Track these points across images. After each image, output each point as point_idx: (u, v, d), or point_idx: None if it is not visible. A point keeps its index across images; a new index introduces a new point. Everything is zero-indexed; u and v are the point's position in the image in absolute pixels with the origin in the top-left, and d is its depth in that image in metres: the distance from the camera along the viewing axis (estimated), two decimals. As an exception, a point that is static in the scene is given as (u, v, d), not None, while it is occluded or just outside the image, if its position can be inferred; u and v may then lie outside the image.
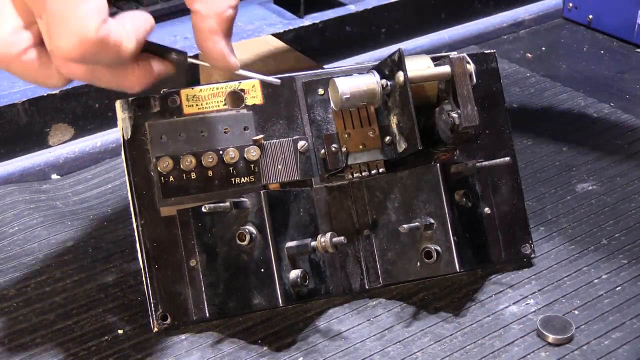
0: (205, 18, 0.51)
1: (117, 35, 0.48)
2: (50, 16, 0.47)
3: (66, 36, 0.46)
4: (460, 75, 0.60)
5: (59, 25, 0.47)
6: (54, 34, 0.47)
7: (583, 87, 0.99)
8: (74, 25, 0.46)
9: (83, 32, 0.46)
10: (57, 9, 0.46)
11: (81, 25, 0.46)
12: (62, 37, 0.47)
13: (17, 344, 0.63)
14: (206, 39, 0.52)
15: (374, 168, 0.65)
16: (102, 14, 0.47)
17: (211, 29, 0.51)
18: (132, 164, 0.62)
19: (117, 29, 0.48)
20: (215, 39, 0.52)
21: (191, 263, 0.62)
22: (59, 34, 0.47)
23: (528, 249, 0.69)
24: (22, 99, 0.85)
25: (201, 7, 0.50)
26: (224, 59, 0.53)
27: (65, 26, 0.46)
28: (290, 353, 0.61)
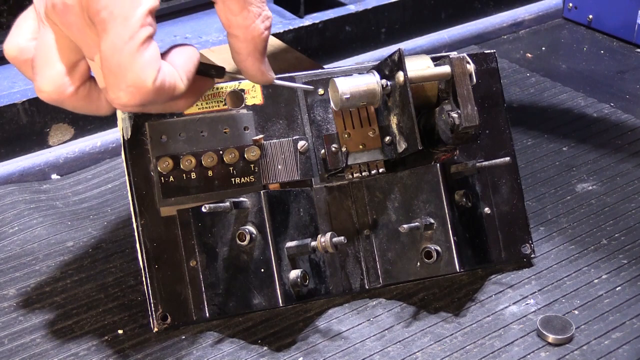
0: (243, 42, 0.53)
1: (171, 78, 0.50)
2: (106, 68, 0.48)
3: (125, 89, 0.48)
4: (460, 75, 0.60)
5: (117, 78, 0.48)
6: (112, 86, 0.48)
7: (583, 87, 0.99)
8: (132, 79, 0.48)
9: (141, 85, 0.48)
10: (114, 63, 0.47)
11: (139, 79, 0.48)
12: (121, 90, 0.48)
13: (17, 344, 0.63)
14: (244, 60, 0.54)
15: (374, 168, 0.65)
16: (157, 63, 0.48)
17: (249, 52, 0.53)
18: (132, 164, 0.62)
19: (170, 72, 0.50)
20: (253, 59, 0.54)
21: (191, 263, 0.62)
22: (117, 86, 0.48)
23: (528, 249, 0.69)
24: (22, 99, 0.85)
25: (240, 32, 0.52)
26: (262, 76, 0.55)
27: (123, 80, 0.48)
28: (290, 353, 0.61)
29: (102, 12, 0.47)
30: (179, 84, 0.50)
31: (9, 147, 0.85)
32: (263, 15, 0.52)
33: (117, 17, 0.47)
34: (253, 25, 0.52)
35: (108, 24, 0.47)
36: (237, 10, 0.51)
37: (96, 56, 0.49)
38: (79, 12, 0.48)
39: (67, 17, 0.48)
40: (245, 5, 0.51)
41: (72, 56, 0.50)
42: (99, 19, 0.47)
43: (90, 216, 0.78)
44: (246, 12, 0.51)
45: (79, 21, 0.48)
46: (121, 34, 0.47)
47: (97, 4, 0.47)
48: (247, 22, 0.52)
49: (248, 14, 0.51)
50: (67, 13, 0.48)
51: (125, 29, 0.47)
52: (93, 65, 0.50)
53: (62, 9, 0.48)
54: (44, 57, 0.50)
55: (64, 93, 0.51)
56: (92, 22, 0.47)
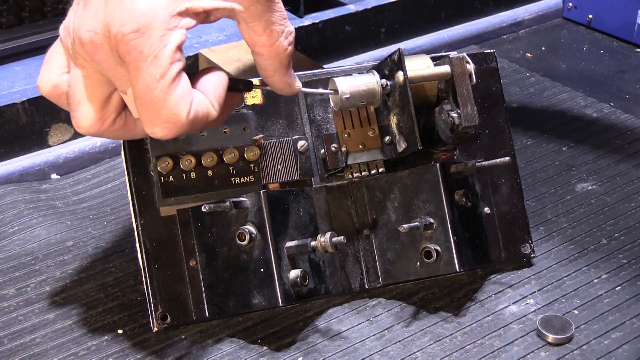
0: (269, 60, 0.54)
1: (204, 108, 0.51)
2: (140, 106, 0.49)
3: (160, 125, 0.49)
4: (460, 75, 0.60)
5: (151, 115, 0.49)
6: (147, 122, 0.49)
7: (583, 87, 0.99)
8: (166, 115, 0.49)
9: (176, 121, 0.49)
10: (147, 101, 0.48)
11: (173, 115, 0.49)
12: (156, 126, 0.49)
13: (17, 344, 0.63)
14: (272, 76, 0.55)
15: (374, 168, 0.65)
16: (189, 97, 0.49)
17: (275, 69, 0.54)
18: (132, 164, 0.62)
19: (202, 101, 0.51)
20: (280, 75, 0.55)
21: (191, 263, 0.62)
22: (152, 122, 0.49)
23: (528, 249, 0.69)
24: (22, 99, 0.85)
25: (265, 51, 0.53)
26: (289, 89, 0.56)
27: (157, 117, 0.49)
28: (290, 353, 0.61)
29: (132, 52, 0.47)
30: (211, 112, 0.51)
31: (9, 147, 0.85)
32: (286, 32, 0.53)
33: (148, 56, 0.47)
34: (277, 43, 0.53)
35: (139, 63, 0.47)
36: (261, 31, 0.52)
37: (129, 90, 0.50)
38: (109, 50, 0.48)
39: (96, 55, 0.49)
40: (268, 26, 0.52)
41: (105, 90, 0.51)
42: (129, 59, 0.47)
43: (90, 216, 0.78)
44: (269, 31, 0.52)
45: (109, 59, 0.48)
46: (153, 74, 0.47)
47: (126, 45, 0.47)
48: (271, 42, 0.52)
49: (272, 34, 0.52)
50: (96, 51, 0.48)
51: (157, 68, 0.47)
52: (126, 97, 0.51)
53: (91, 48, 0.48)
54: (77, 94, 0.51)
55: (102, 128, 0.52)
56: (122, 60, 0.48)
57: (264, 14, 0.51)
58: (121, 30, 0.47)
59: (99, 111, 0.51)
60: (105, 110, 0.51)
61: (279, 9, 0.52)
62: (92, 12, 0.48)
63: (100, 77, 0.50)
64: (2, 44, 0.94)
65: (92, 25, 0.48)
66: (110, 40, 0.47)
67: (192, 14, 0.49)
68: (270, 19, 0.51)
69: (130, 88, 0.49)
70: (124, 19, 0.47)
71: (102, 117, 0.51)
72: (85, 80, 0.50)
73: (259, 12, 0.51)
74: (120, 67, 0.48)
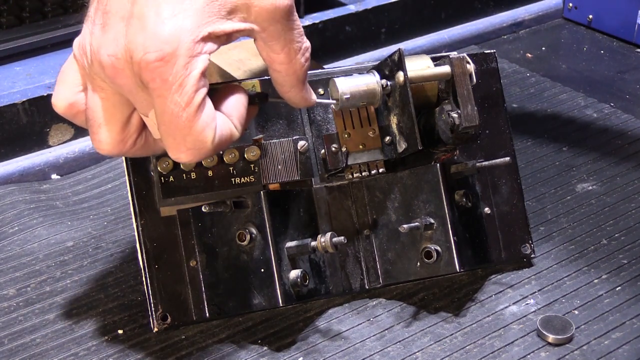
0: (285, 76, 0.54)
1: (227, 130, 0.51)
2: (164, 132, 0.48)
3: (185, 151, 0.49)
4: (460, 75, 0.60)
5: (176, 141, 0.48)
6: (172, 148, 0.49)
7: (583, 87, 0.99)
8: (192, 142, 0.48)
9: (201, 147, 0.49)
10: (172, 128, 0.48)
11: (199, 142, 0.49)
12: (182, 152, 0.49)
13: (17, 344, 0.63)
14: (288, 92, 0.55)
15: (374, 168, 0.65)
16: (214, 122, 0.49)
17: (292, 85, 0.54)
18: (132, 164, 0.62)
19: (225, 124, 0.51)
20: (296, 90, 0.55)
21: (191, 263, 0.62)
22: (177, 149, 0.49)
23: (528, 249, 0.69)
24: (22, 99, 0.85)
25: (282, 68, 0.53)
26: (305, 103, 0.56)
27: (182, 143, 0.48)
28: (290, 353, 0.61)
29: (156, 80, 0.46)
30: (234, 133, 0.51)
31: (9, 147, 0.85)
32: (303, 48, 0.53)
33: (172, 84, 0.47)
34: (294, 60, 0.53)
35: (163, 91, 0.47)
36: (279, 50, 0.52)
37: (150, 113, 0.49)
38: (130, 75, 0.47)
39: (117, 79, 0.48)
40: (286, 44, 0.52)
41: (125, 112, 0.51)
42: (153, 86, 0.47)
43: (90, 216, 0.78)
44: (287, 49, 0.52)
45: (130, 83, 0.48)
46: (178, 101, 0.47)
47: (150, 73, 0.46)
48: (289, 59, 0.52)
49: (289, 52, 0.52)
50: (117, 76, 0.48)
51: (181, 96, 0.47)
52: (147, 120, 0.50)
53: (112, 72, 0.48)
54: (97, 117, 0.50)
55: (124, 149, 0.52)
56: (144, 86, 0.47)
57: (282, 33, 0.51)
58: (145, 58, 0.46)
59: (119, 133, 0.51)
60: (126, 131, 0.51)
61: (297, 26, 0.52)
62: (112, 35, 0.48)
63: (119, 99, 0.50)
64: (2, 44, 0.94)
65: (112, 49, 0.47)
66: (133, 66, 0.47)
67: (214, 38, 0.48)
68: (289, 37, 0.51)
69: (152, 111, 0.49)
70: (147, 45, 0.46)
71: (123, 139, 0.51)
72: (104, 102, 0.50)
73: (277, 31, 0.51)
74: (142, 91, 0.48)
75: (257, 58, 0.86)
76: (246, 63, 0.87)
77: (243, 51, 0.89)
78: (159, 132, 0.49)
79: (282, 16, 0.50)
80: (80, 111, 0.52)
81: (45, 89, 0.86)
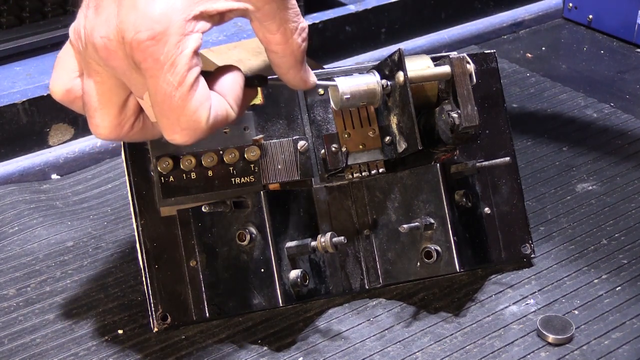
0: (282, 57, 0.53)
1: (223, 111, 0.50)
2: (158, 113, 0.48)
3: (180, 132, 0.48)
4: (460, 75, 0.60)
5: (170, 122, 0.48)
6: (166, 129, 0.49)
7: (583, 87, 0.99)
8: (186, 122, 0.48)
9: (196, 127, 0.48)
10: (165, 108, 0.48)
11: (193, 121, 0.48)
12: (176, 133, 0.48)
13: (17, 344, 0.63)
14: (286, 73, 0.54)
15: (374, 168, 0.65)
16: (208, 102, 0.49)
17: (289, 66, 0.54)
18: (132, 164, 0.62)
19: (220, 104, 0.50)
20: (294, 71, 0.54)
21: (191, 263, 0.62)
22: (171, 129, 0.48)
23: (528, 249, 0.69)
24: (22, 99, 0.85)
25: (279, 48, 0.52)
26: (304, 84, 0.56)
27: (177, 124, 0.48)
28: (290, 353, 0.61)
29: (148, 59, 0.46)
30: (230, 113, 0.51)
31: (9, 147, 0.85)
32: (299, 28, 0.52)
33: (164, 63, 0.46)
34: (291, 40, 0.52)
35: (155, 71, 0.46)
36: (274, 29, 0.51)
37: (145, 95, 0.49)
38: (123, 56, 0.47)
39: (110, 61, 0.48)
40: (282, 23, 0.51)
41: (121, 95, 0.50)
42: (145, 66, 0.47)
43: (90, 216, 0.78)
44: (283, 29, 0.51)
45: (124, 64, 0.48)
46: (170, 81, 0.47)
47: (142, 52, 0.46)
48: (285, 39, 0.52)
49: (285, 31, 0.51)
50: (110, 57, 0.48)
51: (174, 75, 0.47)
52: (143, 102, 0.50)
53: (105, 53, 0.47)
54: (93, 101, 0.50)
55: (121, 133, 0.51)
56: (137, 67, 0.47)
57: (278, 12, 0.50)
58: (136, 38, 0.46)
59: (116, 117, 0.50)
60: (123, 115, 0.51)
61: (292, 5, 0.51)
62: (105, 17, 0.47)
63: (115, 82, 0.49)
64: (2, 44, 0.94)
65: (104, 31, 0.47)
66: (125, 47, 0.47)
67: (206, 17, 0.48)
68: (284, 17, 0.51)
69: (147, 93, 0.49)
70: (138, 25, 0.46)
71: (120, 123, 0.51)
72: (100, 86, 0.50)
73: (272, 10, 0.50)
74: (136, 72, 0.48)
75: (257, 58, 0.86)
76: (246, 63, 0.87)
77: (243, 51, 0.89)
78: (154, 114, 0.49)
79: None
80: (77, 97, 0.52)
81: (45, 89, 0.86)
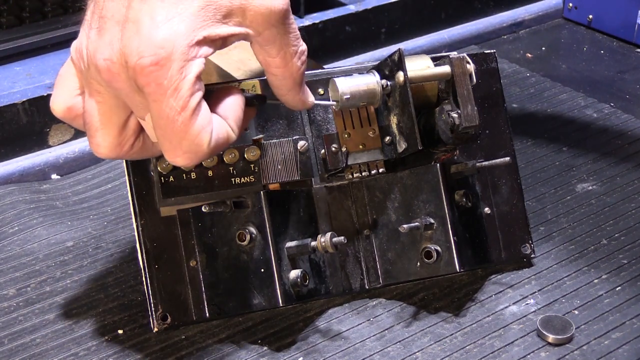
0: (282, 80, 0.54)
1: (224, 133, 0.51)
2: (161, 136, 0.48)
3: (181, 155, 0.49)
4: (460, 75, 0.60)
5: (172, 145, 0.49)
6: (168, 152, 0.49)
7: (583, 87, 0.99)
8: (188, 146, 0.48)
9: (197, 151, 0.49)
10: (168, 132, 0.48)
11: (195, 146, 0.48)
12: (178, 156, 0.49)
13: (17, 344, 0.63)
14: (285, 95, 0.55)
15: (374, 168, 0.65)
16: (210, 126, 0.49)
17: (288, 88, 0.54)
18: (132, 164, 0.62)
19: (221, 127, 0.51)
20: (293, 93, 0.55)
21: (191, 263, 0.62)
22: (173, 152, 0.49)
23: (528, 249, 0.69)
24: (22, 99, 0.85)
25: (278, 72, 0.53)
26: (302, 105, 0.57)
27: (179, 147, 0.48)
28: (290, 353, 0.61)
29: (151, 84, 0.46)
30: (231, 135, 0.51)
31: (9, 147, 0.85)
32: (299, 51, 0.53)
33: (167, 89, 0.47)
34: (290, 64, 0.53)
35: (158, 95, 0.47)
36: (274, 53, 0.52)
37: (147, 116, 0.49)
38: (125, 79, 0.47)
39: (113, 83, 0.48)
40: (282, 47, 0.52)
41: (122, 115, 0.50)
42: (148, 90, 0.47)
43: (90, 216, 0.78)
44: (283, 53, 0.52)
45: (126, 87, 0.48)
46: (173, 106, 0.47)
47: (145, 77, 0.46)
48: (285, 62, 0.52)
49: (285, 55, 0.52)
50: (113, 79, 0.48)
51: (177, 100, 0.47)
52: (144, 123, 0.50)
53: (108, 76, 0.48)
54: (94, 121, 0.50)
55: (121, 152, 0.52)
56: (140, 90, 0.47)
57: (278, 36, 0.51)
58: (139, 63, 0.46)
59: (116, 137, 0.51)
60: (123, 135, 0.51)
61: (292, 29, 0.52)
62: (108, 39, 0.48)
63: (116, 102, 0.50)
64: (2, 44, 0.94)
65: (108, 53, 0.47)
66: (128, 71, 0.47)
67: (209, 42, 0.48)
68: (284, 41, 0.52)
69: (148, 114, 0.49)
70: (142, 50, 0.46)
71: (121, 142, 0.51)
72: (101, 106, 0.50)
73: (272, 35, 0.51)
74: (138, 95, 0.48)
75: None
76: (246, 63, 0.87)
77: (243, 51, 0.89)
78: (156, 137, 0.49)
79: (277, 20, 0.50)
80: (78, 115, 0.52)
81: (45, 89, 0.86)
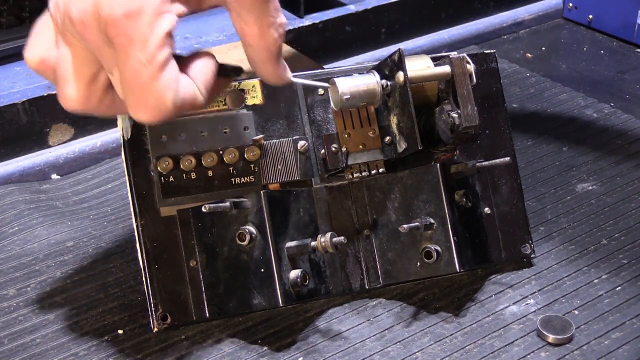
0: (257, 50, 0.53)
1: (191, 94, 0.50)
2: (126, 89, 0.48)
3: (145, 110, 0.49)
4: (460, 75, 0.60)
5: (137, 99, 0.48)
6: (133, 105, 0.49)
7: (583, 87, 0.99)
8: (152, 100, 0.48)
9: (161, 106, 0.49)
10: (133, 85, 0.48)
11: (159, 101, 0.48)
12: (141, 110, 0.49)
13: (17, 344, 0.63)
14: (261, 67, 0.54)
15: (374, 168, 0.65)
16: (176, 83, 0.49)
17: (263, 59, 0.54)
18: (132, 164, 0.62)
19: (189, 87, 0.50)
20: (268, 65, 0.54)
21: (191, 263, 0.62)
22: (137, 106, 0.49)
23: (528, 249, 0.69)
24: (22, 99, 0.85)
25: (253, 41, 0.53)
26: (279, 79, 0.55)
27: (143, 101, 0.48)
28: (290, 353, 0.61)
29: (121, 36, 0.47)
30: (198, 97, 0.51)
31: (9, 147, 0.85)
32: (277, 23, 0.52)
33: (136, 41, 0.47)
34: (267, 34, 0.52)
35: (127, 47, 0.47)
36: (251, 22, 0.51)
37: (115, 70, 0.49)
38: (97, 31, 0.47)
39: (85, 34, 0.48)
40: (259, 16, 0.51)
41: (92, 68, 0.50)
42: (117, 42, 0.47)
43: (90, 216, 0.78)
44: (260, 22, 0.51)
45: (97, 39, 0.48)
46: (140, 58, 0.47)
47: (115, 28, 0.47)
48: (261, 32, 0.52)
49: (262, 25, 0.52)
50: (85, 31, 0.48)
51: (144, 53, 0.47)
52: (113, 77, 0.50)
53: (80, 27, 0.48)
54: (64, 71, 0.50)
55: (88, 105, 0.51)
56: (110, 42, 0.47)
57: (256, 4, 0.51)
58: (111, 13, 0.46)
59: (85, 89, 0.51)
60: (92, 88, 0.51)
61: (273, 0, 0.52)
62: None
63: (87, 55, 0.50)
64: (2, 44, 0.94)
65: (82, 5, 0.47)
66: (99, 22, 0.47)
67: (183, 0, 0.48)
68: (262, 10, 0.51)
69: (117, 69, 0.49)
70: (114, 1, 0.46)
71: (88, 95, 0.51)
72: (73, 58, 0.50)
73: (250, 1, 0.50)
74: (108, 47, 0.48)
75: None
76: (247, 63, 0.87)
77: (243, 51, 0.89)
78: (122, 89, 0.49)
79: None
80: (51, 67, 0.52)
81: (45, 89, 0.86)
